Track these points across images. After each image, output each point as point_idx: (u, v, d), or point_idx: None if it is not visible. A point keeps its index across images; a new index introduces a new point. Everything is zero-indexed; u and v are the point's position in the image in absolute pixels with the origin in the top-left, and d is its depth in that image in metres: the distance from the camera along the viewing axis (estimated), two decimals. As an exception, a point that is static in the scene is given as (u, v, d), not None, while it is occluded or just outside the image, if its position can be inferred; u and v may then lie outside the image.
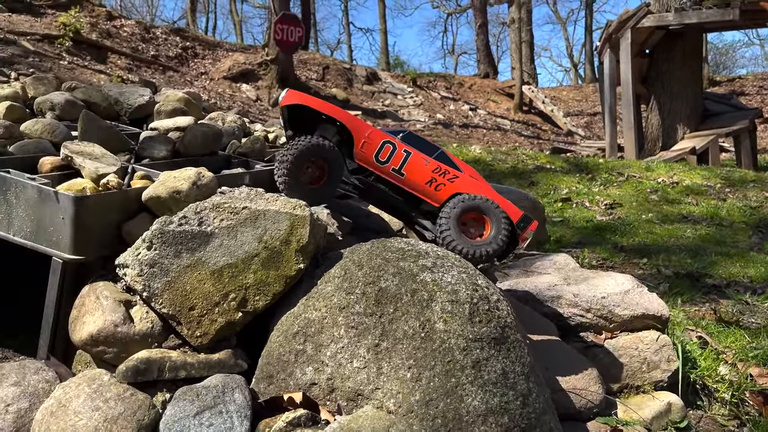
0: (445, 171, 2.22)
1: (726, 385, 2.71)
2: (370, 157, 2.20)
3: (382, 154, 2.20)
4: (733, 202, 7.01)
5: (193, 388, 1.72)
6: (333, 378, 1.75)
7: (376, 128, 2.24)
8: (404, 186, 2.23)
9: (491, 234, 2.16)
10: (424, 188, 2.22)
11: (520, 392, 1.74)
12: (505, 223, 2.17)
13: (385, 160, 2.20)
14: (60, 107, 2.88)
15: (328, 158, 2.14)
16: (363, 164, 2.22)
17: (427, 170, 2.21)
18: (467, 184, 2.22)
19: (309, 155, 2.10)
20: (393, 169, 2.20)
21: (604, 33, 12.19)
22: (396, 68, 27.67)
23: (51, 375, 1.84)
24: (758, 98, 20.85)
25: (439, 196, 2.22)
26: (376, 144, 2.19)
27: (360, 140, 2.20)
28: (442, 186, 2.21)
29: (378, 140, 2.20)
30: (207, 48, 16.72)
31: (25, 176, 2.04)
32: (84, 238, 1.95)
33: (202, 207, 1.97)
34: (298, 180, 2.11)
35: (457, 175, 2.23)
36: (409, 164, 2.20)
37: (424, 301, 1.81)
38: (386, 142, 2.20)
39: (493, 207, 2.17)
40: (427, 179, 2.21)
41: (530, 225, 2.24)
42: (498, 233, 2.16)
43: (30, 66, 10.40)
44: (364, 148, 2.20)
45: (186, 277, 1.88)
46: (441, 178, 2.21)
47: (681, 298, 3.94)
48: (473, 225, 2.21)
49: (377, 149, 2.19)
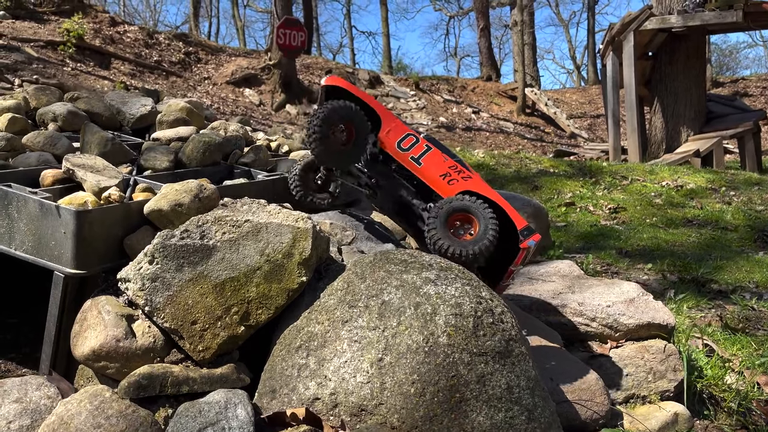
0: (461, 170, 2.29)
1: (732, 394, 2.69)
2: (393, 143, 2.30)
3: (404, 142, 2.31)
4: (738, 206, 6.97)
5: (196, 403, 1.71)
6: (336, 393, 1.73)
7: (403, 123, 2.36)
8: (419, 174, 2.30)
9: (478, 234, 2.16)
10: (437, 180, 2.28)
11: (525, 407, 1.73)
12: (492, 223, 2.15)
13: (406, 147, 2.30)
14: (62, 118, 2.88)
15: (355, 121, 2.23)
16: (384, 148, 2.32)
17: (444, 165, 2.29)
18: (479, 185, 2.27)
19: (339, 115, 2.20)
20: (412, 157, 2.29)
21: (607, 35, 12.17)
22: (398, 72, 27.70)
23: (53, 391, 1.83)
24: (762, 99, 20.79)
25: (451, 190, 2.26)
26: (400, 133, 2.32)
27: (387, 127, 2.32)
28: (455, 182, 2.27)
29: (403, 130, 2.33)
30: (210, 53, 16.76)
31: (26, 190, 2.03)
32: (86, 252, 1.94)
33: (204, 220, 1.96)
34: (328, 138, 2.19)
35: (471, 176, 2.29)
36: (428, 156, 2.29)
37: (427, 315, 1.80)
38: (410, 134, 2.32)
39: (480, 207, 2.18)
40: (443, 172, 2.28)
41: (532, 235, 2.24)
42: (485, 233, 2.15)
43: (34, 72, 10.44)
44: (389, 134, 2.31)
45: (188, 291, 1.87)
46: (456, 174, 2.28)
47: (686, 305, 3.91)
48: (462, 227, 2.22)
49: (401, 137, 2.31)
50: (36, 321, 2.16)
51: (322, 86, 2.38)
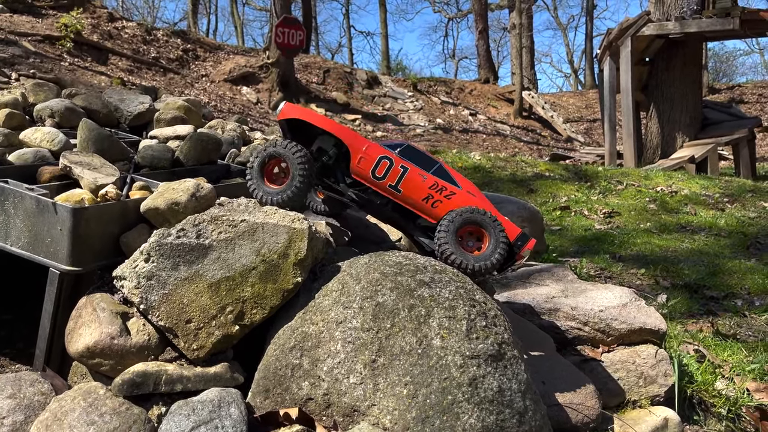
0: (442, 187, 2.20)
1: (723, 400, 2.71)
2: (367, 173, 2.18)
3: (378, 170, 2.18)
4: (732, 212, 7.01)
5: (189, 402, 1.72)
6: (329, 393, 1.74)
7: (373, 142, 2.23)
8: (401, 202, 2.22)
9: (489, 248, 2.16)
10: (420, 205, 2.21)
11: (516, 410, 1.74)
12: (502, 238, 2.16)
13: (381, 176, 2.18)
14: (60, 114, 2.88)
15: (287, 159, 2.12)
16: (359, 180, 2.21)
17: (423, 186, 2.19)
18: (464, 201, 2.21)
19: (270, 158, 2.12)
20: (390, 185, 2.19)
21: (605, 40, 12.21)
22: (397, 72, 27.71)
23: (47, 387, 1.83)
24: (758, 106, 20.89)
25: (436, 212, 2.21)
26: (372, 159, 2.18)
27: (357, 156, 2.18)
28: (439, 203, 2.19)
29: (375, 155, 2.18)
30: (208, 50, 16.73)
31: (23, 186, 2.04)
32: (82, 249, 1.95)
33: (200, 219, 1.97)
34: (261, 179, 2.13)
35: (454, 192, 2.21)
36: (405, 180, 2.18)
37: (421, 317, 1.81)
38: (383, 158, 2.18)
39: (491, 221, 2.16)
40: (424, 196, 2.19)
41: (527, 243, 2.22)
42: (496, 248, 2.15)
43: (31, 67, 10.40)
44: (360, 164, 2.18)
45: (183, 289, 1.88)
46: (438, 194, 2.19)
47: (679, 310, 3.94)
48: (470, 238, 2.20)
49: (374, 165, 2.18)
50: (31, 317, 2.17)
51: (278, 119, 2.25)
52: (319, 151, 2.25)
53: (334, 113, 15.70)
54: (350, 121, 15.49)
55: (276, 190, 2.11)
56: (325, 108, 15.74)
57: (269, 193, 2.11)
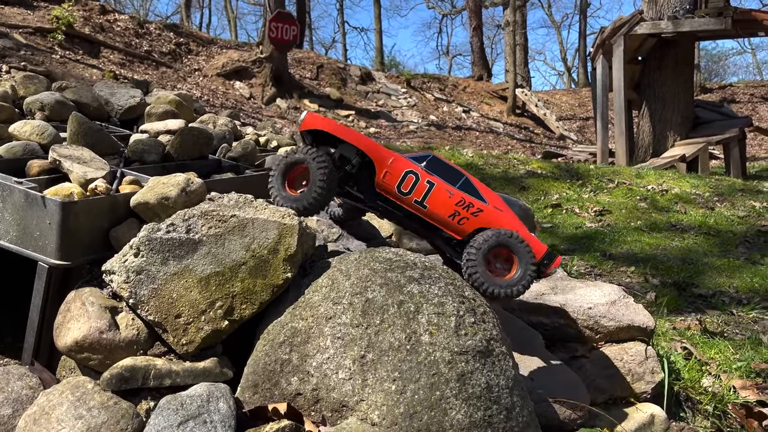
0: (469, 204, 2.14)
1: (709, 397, 2.74)
2: (392, 188, 2.13)
3: (404, 185, 2.12)
4: (721, 211, 7.06)
5: (178, 396, 1.72)
6: (318, 389, 1.75)
7: (398, 155, 2.16)
8: (426, 218, 2.17)
9: (517, 274, 2.09)
10: (446, 221, 2.15)
11: (504, 406, 1.75)
12: (532, 264, 2.10)
13: (407, 191, 2.12)
14: (50, 107, 2.86)
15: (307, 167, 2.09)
16: (384, 194, 2.16)
17: (450, 203, 2.12)
18: (491, 218, 2.15)
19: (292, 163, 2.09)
20: (415, 200, 2.13)
21: (598, 39, 12.25)
22: (391, 68, 27.71)
23: (35, 381, 1.83)
24: (749, 106, 21.03)
25: (463, 229, 2.15)
26: (398, 174, 2.12)
27: (382, 170, 2.12)
28: (465, 220, 2.13)
29: (400, 170, 2.12)
30: (201, 44, 16.66)
31: (12, 180, 2.03)
32: (70, 243, 1.94)
33: (190, 214, 1.97)
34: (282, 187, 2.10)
35: (481, 209, 2.14)
36: (432, 196, 2.12)
37: (410, 313, 1.82)
38: (409, 172, 2.12)
39: (522, 246, 2.09)
40: (451, 212, 2.13)
41: (554, 261, 2.17)
42: (525, 274, 2.08)
43: (22, 59, 10.32)
44: (385, 178, 2.12)
45: (173, 284, 1.87)
46: (465, 211, 2.13)
47: (667, 308, 3.97)
48: (499, 260, 2.13)
49: (399, 179, 2.12)
50: (19, 311, 2.16)
51: (300, 130, 2.18)
52: (341, 159, 2.19)
53: (327, 109, 15.68)
54: (343, 117, 15.47)
55: (295, 197, 2.09)
56: (319, 104, 15.72)
57: (288, 199, 2.08)
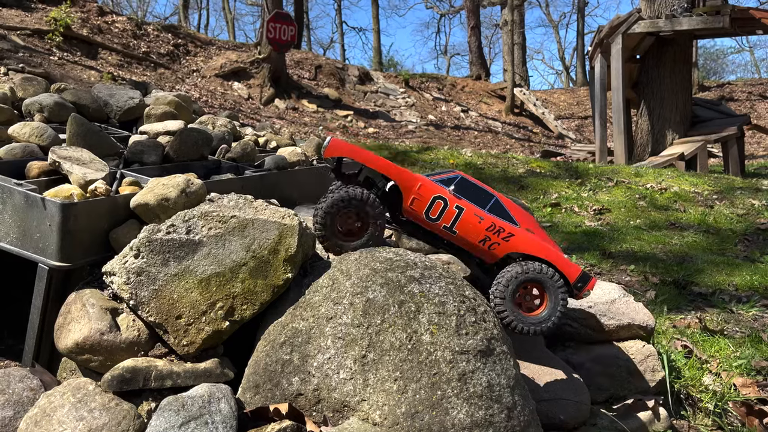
0: (500, 228, 2.09)
1: (710, 395, 2.74)
2: (420, 214, 2.09)
3: (432, 211, 2.08)
4: (720, 209, 7.07)
5: (179, 398, 1.72)
6: (319, 389, 1.75)
7: (425, 179, 2.11)
8: (456, 243, 2.15)
9: (547, 311, 2.05)
10: (476, 246, 2.12)
11: (505, 405, 1.75)
12: (562, 299, 2.05)
13: (435, 217, 2.09)
14: (49, 109, 2.86)
15: (363, 211, 2.05)
16: (412, 219, 2.13)
17: (480, 228, 2.08)
18: (523, 242, 2.09)
19: (343, 207, 2.02)
20: (444, 226, 2.09)
21: (596, 38, 12.26)
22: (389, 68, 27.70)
23: (36, 383, 1.83)
24: (747, 104, 21.04)
25: (494, 254, 2.12)
26: (426, 200, 2.08)
27: (409, 196, 2.08)
28: (496, 245, 2.09)
29: (428, 196, 2.08)
30: (199, 45, 16.65)
31: (12, 181, 2.02)
32: (71, 245, 1.94)
33: (190, 215, 1.97)
34: (333, 232, 2.04)
35: (512, 233, 2.09)
36: (461, 222, 2.08)
37: (411, 313, 1.82)
38: (437, 198, 2.08)
39: (552, 282, 2.04)
40: (481, 238, 2.09)
41: (588, 284, 2.11)
42: (554, 311, 2.04)
43: (20, 61, 10.31)
44: (413, 205, 2.08)
45: (173, 285, 1.87)
46: (495, 236, 2.08)
47: (667, 306, 3.97)
48: (529, 294, 2.09)
49: (427, 206, 2.08)
50: (20, 313, 2.16)
51: (324, 157, 2.11)
52: (366, 181, 2.17)
53: (325, 109, 15.68)
54: (342, 117, 15.47)
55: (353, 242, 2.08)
56: (317, 104, 15.71)
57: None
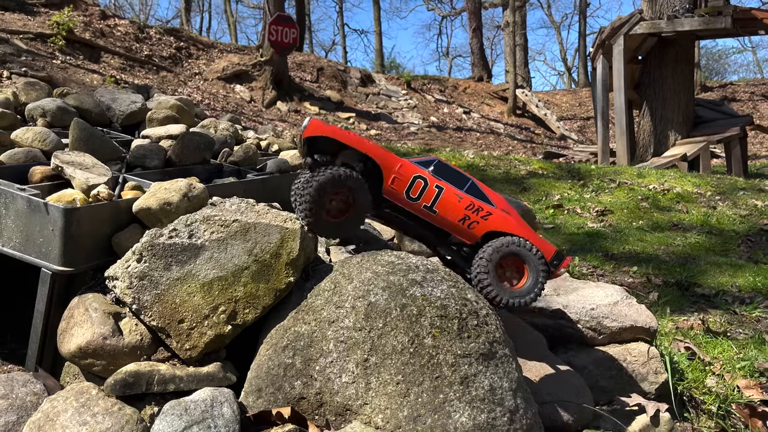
0: (479, 208, 2.14)
1: (713, 397, 2.73)
2: (401, 194, 2.10)
3: (413, 191, 2.10)
4: (723, 210, 7.06)
5: (182, 402, 1.72)
6: (322, 392, 1.75)
7: (406, 161, 2.14)
8: (436, 223, 2.16)
9: (528, 283, 2.10)
10: (456, 226, 2.14)
11: (507, 408, 1.75)
12: (543, 273, 2.10)
13: (416, 196, 2.10)
14: (51, 114, 2.87)
15: (352, 191, 2.04)
16: (392, 200, 2.13)
17: (459, 207, 2.12)
18: (500, 221, 2.15)
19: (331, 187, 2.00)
20: (425, 206, 2.11)
21: (597, 39, 12.26)
22: (391, 70, 27.71)
23: (39, 387, 1.83)
24: (750, 104, 21.01)
25: (473, 234, 2.15)
26: (407, 179, 2.09)
27: (390, 175, 2.09)
28: (476, 224, 2.13)
29: (409, 175, 2.10)
30: (201, 48, 16.68)
31: (14, 187, 2.03)
32: (73, 249, 1.94)
33: (192, 219, 1.97)
34: (320, 216, 2.02)
35: (490, 212, 2.14)
36: (441, 201, 2.11)
37: (413, 316, 1.82)
38: (417, 177, 2.10)
39: (533, 255, 2.09)
40: (460, 217, 2.12)
41: (563, 262, 2.18)
42: (536, 283, 2.10)
43: (22, 65, 10.35)
44: (394, 184, 2.09)
45: (176, 289, 1.88)
46: (474, 215, 2.13)
47: (670, 308, 3.96)
48: (509, 269, 2.13)
49: (408, 185, 2.09)
50: (23, 316, 2.16)
51: (302, 137, 2.08)
52: (344, 166, 2.15)
53: (327, 111, 15.69)
54: (344, 119, 15.48)
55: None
56: (319, 106, 15.73)
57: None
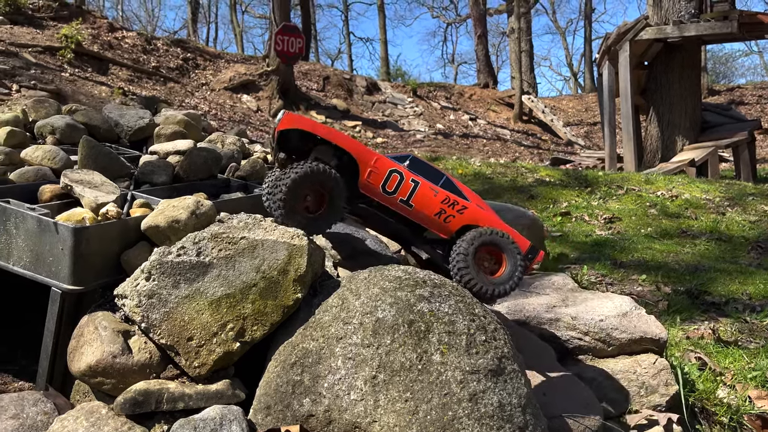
0: (454, 202, 2.16)
1: (724, 409, 2.71)
2: (377, 188, 2.11)
3: (389, 185, 2.11)
4: (732, 216, 7.01)
5: (191, 420, 1.73)
6: (330, 410, 1.75)
7: (381, 155, 2.16)
8: (412, 217, 2.17)
9: (507, 271, 2.13)
10: (432, 220, 2.16)
11: (516, 425, 1.75)
12: (520, 260, 2.13)
13: (392, 190, 2.11)
14: (60, 131, 2.90)
15: (328, 185, 2.03)
16: (368, 194, 2.13)
17: (435, 201, 2.14)
18: (476, 215, 2.18)
19: (307, 182, 1.99)
20: (401, 200, 2.13)
21: (603, 45, 12.24)
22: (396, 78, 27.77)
23: (49, 407, 1.84)
24: (758, 107, 20.90)
25: (449, 227, 2.17)
26: (383, 173, 2.10)
27: (366, 169, 2.10)
28: (451, 218, 2.16)
29: (385, 169, 2.11)
30: (208, 59, 16.79)
31: (24, 206, 2.05)
32: (83, 268, 1.96)
33: (200, 237, 1.98)
34: (294, 210, 2.02)
35: (465, 206, 2.17)
36: (417, 195, 2.13)
37: (421, 332, 1.82)
38: (393, 171, 2.11)
39: (509, 244, 2.13)
40: (436, 211, 2.14)
41: (537, 256, 2.21)
42: (514, 271, 2.13)
43: (32, 78, 10.45)
44: (370, 178, 2.10)
45: (184, 307, 1.89)
46: (450, 209, 2.15)
47: (680, 317, 3.94)
48: (487, 259, 2.16)
49: (384, 179, 2.10)
50: (34, 333, 2.18)
51: (276, 130, 2.07)
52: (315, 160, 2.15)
53: (334, 120, 15.74)
54: (350, 128, 15.52)
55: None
56: (326, 115, 15.78)
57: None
